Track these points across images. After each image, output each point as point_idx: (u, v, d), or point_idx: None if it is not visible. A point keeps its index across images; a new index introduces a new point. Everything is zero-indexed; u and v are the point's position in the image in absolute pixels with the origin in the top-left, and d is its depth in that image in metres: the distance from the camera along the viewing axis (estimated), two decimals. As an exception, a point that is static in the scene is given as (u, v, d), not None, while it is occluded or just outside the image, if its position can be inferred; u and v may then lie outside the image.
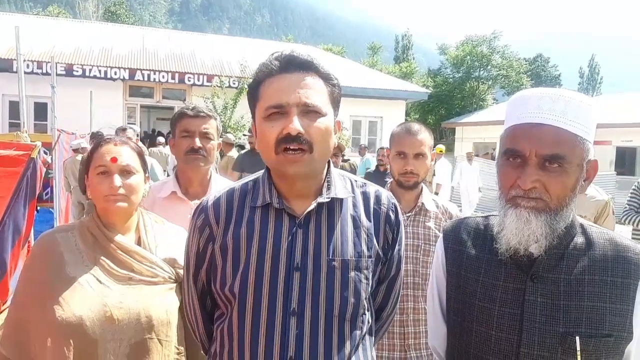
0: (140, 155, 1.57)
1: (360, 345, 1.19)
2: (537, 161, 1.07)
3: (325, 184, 1.21)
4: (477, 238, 1.26)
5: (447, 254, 1.30)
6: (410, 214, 2.08)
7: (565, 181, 1.08)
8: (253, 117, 1.21)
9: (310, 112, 1.12)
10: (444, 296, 1.30)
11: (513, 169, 1.11)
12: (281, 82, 1.13)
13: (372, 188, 1.30)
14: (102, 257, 1.45)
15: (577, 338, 1.07)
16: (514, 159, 1.11)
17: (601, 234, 1.17)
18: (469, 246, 1.26)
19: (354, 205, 1.24)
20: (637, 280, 1.11)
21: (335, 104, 1.20)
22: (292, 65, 1.14)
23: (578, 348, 1.07)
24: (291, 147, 1.10)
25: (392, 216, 1.28)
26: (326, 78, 1.17)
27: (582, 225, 1.19)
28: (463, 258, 1.26)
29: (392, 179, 2.20)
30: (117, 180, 1.46)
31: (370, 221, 1.24)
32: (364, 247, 1.21)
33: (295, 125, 1.09)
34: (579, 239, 1.16)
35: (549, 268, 1.13)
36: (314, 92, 1.13)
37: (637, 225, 4.21)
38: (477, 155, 13.43)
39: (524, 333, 1.11)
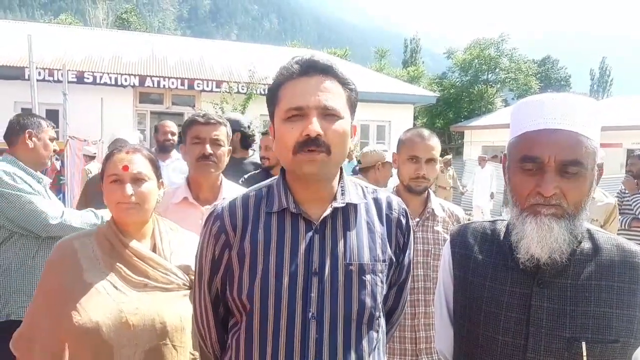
0: (152, 162, 1.59)
1: (376, 348, 1.21)
2: (556, 167, 1.07)
3: (340, 189, 1.23)
4: (483, 242, 1.27)
5: (454, 258, 1.30)
6: (418, 219, 2.09)
7: (583, 186, 1.08)
8: (272, 119, 1.23)
9: (329, 114, 1.14)
10: (451, 300, 1.31)
11: (530, 176, 1.10)
12: (301, 85, 1.15)
13: (383, 194, 1.32)
14: (118, 264, 1.47)
15: (584, 343, 1.07)
16: (531, 165, 1.10)
17: (608, 240, 1.17)
18: (476, 251, 1.27)
19: (367, 211, 1.26)
20: None
21: (352, 108, 1.22)
22: (312, 69, 1.16)
23: (584, 354, 1.07)
24: (310, 149, 1.12)
25: (403, 221, 1.31)
26: (344, 82, 1.19)
27: (589, 231, 1.18)
28: (470, 262, 1.26)
29: (397, 184, 2.22)
30: (129, 188, 1.48)
31: (383, 226, 1.27)
32: (379, 252, 1.23)
33: (315, 127, 1.11)
34: (586, 244, 1.16)
35: (555, 273, 1.13)
36: (333, 95, 1.15)
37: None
38: (494, 157, 13.20)
39: (530, 338, 1.12)
